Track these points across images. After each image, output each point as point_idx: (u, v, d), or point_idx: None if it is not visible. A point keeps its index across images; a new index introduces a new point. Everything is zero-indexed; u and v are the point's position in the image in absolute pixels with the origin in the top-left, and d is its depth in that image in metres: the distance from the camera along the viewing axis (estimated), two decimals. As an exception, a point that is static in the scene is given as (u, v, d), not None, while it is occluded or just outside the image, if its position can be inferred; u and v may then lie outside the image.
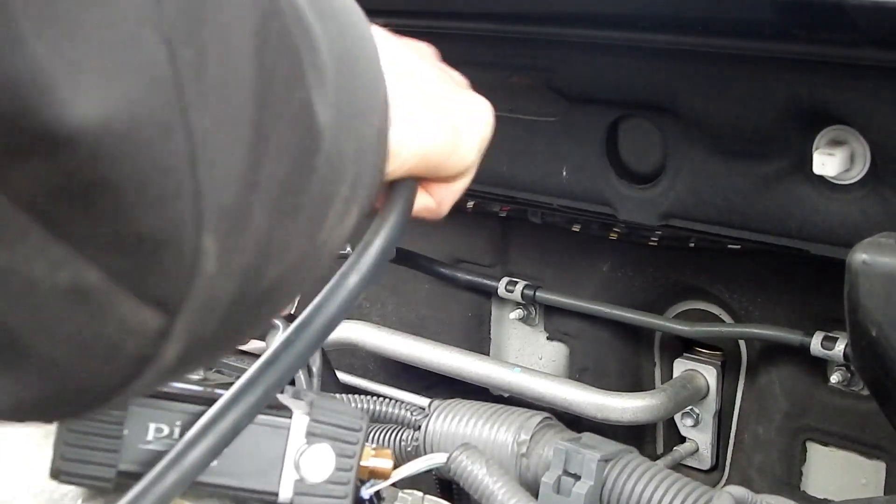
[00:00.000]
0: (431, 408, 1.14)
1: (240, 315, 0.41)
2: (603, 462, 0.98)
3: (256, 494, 0.65)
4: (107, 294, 0.36)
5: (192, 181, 0.36)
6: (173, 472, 0.50)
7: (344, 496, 0.66)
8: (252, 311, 0.42)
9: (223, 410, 0.51)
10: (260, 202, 0.39)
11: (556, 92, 1.26)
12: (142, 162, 0.34)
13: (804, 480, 1.37)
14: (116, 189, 0.34)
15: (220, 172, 0.37)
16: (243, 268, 0.39)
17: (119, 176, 0.34)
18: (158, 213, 0.35)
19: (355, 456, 0.67)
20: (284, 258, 0.42)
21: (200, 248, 0.37)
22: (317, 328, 0.51)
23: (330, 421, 0.66)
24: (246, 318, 0.42)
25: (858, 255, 0.84)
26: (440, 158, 0.60)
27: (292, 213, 0.41)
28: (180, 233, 0.36)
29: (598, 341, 1.50)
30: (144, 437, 0.62)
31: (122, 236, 0.35)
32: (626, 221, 1.29)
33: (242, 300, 0.40)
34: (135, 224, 0.35)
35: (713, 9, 1.01)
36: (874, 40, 0.94)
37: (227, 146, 0.37)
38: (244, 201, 0.38)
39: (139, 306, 0.36)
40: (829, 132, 1.06)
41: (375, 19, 0.53)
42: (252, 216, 0.38)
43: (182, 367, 0.41)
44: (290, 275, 0.43)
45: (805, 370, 1.32)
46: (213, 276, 0.38)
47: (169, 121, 0.35)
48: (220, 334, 0.41)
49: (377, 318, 1.67)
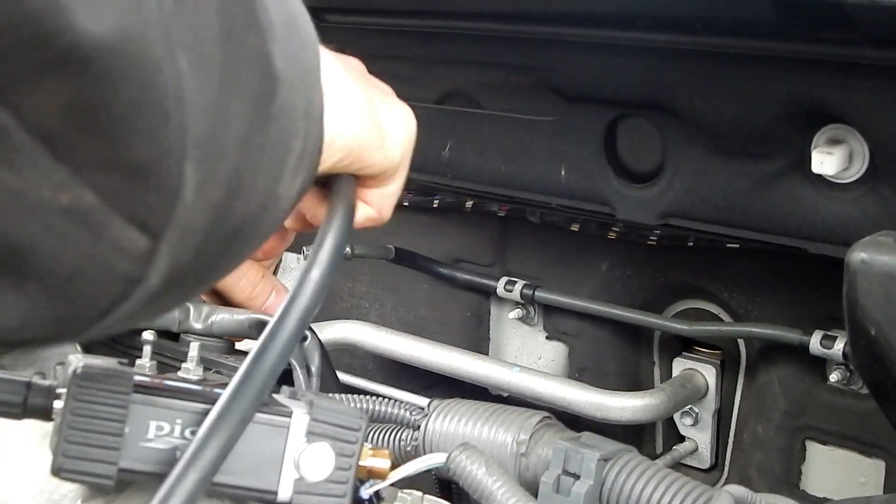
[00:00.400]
0: (430, 407, 1.14)
1: (213, 247, 0.45)
2: (602, 461, 0.98)
3: (256, 493, 0.65)
4: (101, 215, 0.40)
5: (178, 114, 0.40)
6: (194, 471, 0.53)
7: (343, 495, 0.67)
8: (223, 245, 0.47)
9: (228, 403, 0.55)
10: (229, 139, 0.43)
11: (555, 91, 1.26)
12: (139, 89, 0.38)
13: (803, 479, 1.37)
14: (115, 114, 0.38)
15: (197, 108, 0.41)
16: (216, 201, 0.43)
17: (118, 101, 0.38)
18: (148, 140, 0.39)
19: (354, 455, 0.67)
20: (251, 197, 0.46)
21: (182, 176, 0.41)
22: (295, 317, 0.57)
23: (330, 420, 0.66)
24: (217, 253, 0.47)
25: (857, 254, 0.84)
26: (366, 153, 0.65)
27: (257, 153, 0.46)
28: (166, 161, 0.40)
29: (597, 341, 1.50)
30: (145, 435, 0.62)
31: (116, 160, 0.39)
32: (624, 221, 1.29)
33: (215, 233, 0.45)
34: (127, 149, 0.39)
35: (712, 8, 1.01)
36: (873, 39, 0.94)
37: (202, 85, 0.41)
38: (217, 136, 0.42)
39: (128, 228, 0.40)
40: (827, 131, 1.06)
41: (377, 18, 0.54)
42: (224, 151, 0.43)
43: (164, 295, 0.45)
44: (254, 215, 0.48)
45: (804, 369, 1.32)
46: (191, 203, 0.42)
47: (161, 56, 0.39)
48: (196, 265, 0.45)
49: (376, 317, 1.67)
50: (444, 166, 1.38)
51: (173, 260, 0.43)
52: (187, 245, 0.43)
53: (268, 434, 0.65)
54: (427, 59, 1.39)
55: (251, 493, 0.65)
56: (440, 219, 1.60)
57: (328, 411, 0.67)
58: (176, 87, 0.40)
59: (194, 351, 0.77)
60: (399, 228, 1.54)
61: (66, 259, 0.40)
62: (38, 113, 0.37)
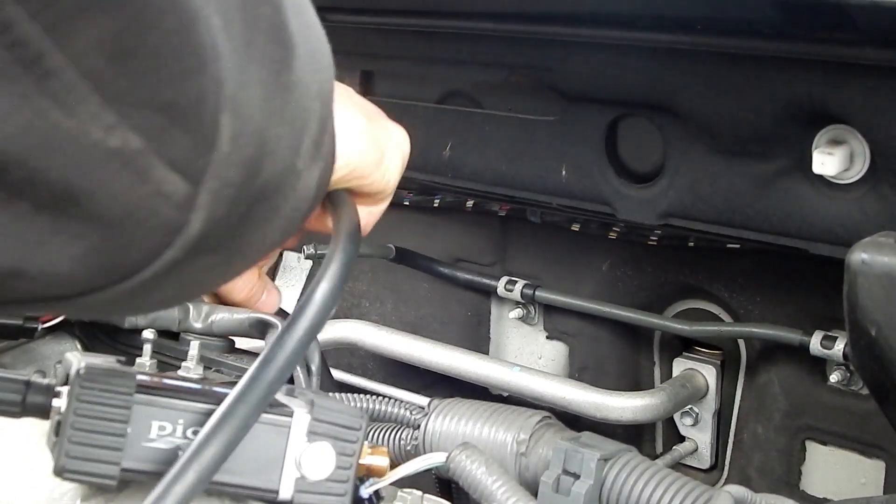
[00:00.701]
0: (431, 407, 1.14)
1: (243, 205, 0.47)
2: (602, 461, 0.98)
3: (257, 492, 0.65)
4: (146, 158, 0.41)
5: (214, 65, 0.42)
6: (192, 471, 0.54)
7: (343, 494, 0.67)
8: (251, 206, 0.48)
9: (232, 406, 0.55)
10: (254, 100, 0.45)
11: (556, 91, 1.26)
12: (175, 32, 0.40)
13: (803, 480, 1.37)
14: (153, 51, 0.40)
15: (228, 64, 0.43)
16: (247, 156, 0.45)
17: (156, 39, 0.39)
18: (186, 82, 0.41)
19: (355, 455, 0.67)
20: (275, 160, 0.48)
21: (218, 125, 0.43)
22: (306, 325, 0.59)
23: (331, 420, 0.66)
24: (247, 214, 0.48)
25: (857, 255, 0.84)
26: (366, 172, 0.67)
27: (278, 119, 0.47)
28: (203, 105, 0.42)
29: (597, 340, 1.50)
30: (147, 435, 0.62)
31: (156, 100, 0.41)
32: (625, 221, 1.29)
33: (245, 191, 0.46)
34: (166, 87, 0.41)
35: (713, 8, 1.01)
36: (874, 40, 0.94)
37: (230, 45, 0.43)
38: (245, 95, 0.44)
39: (170, 172, 0.42)
40: (828, 131, 1.06)
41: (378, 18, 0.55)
42: (250, 108, 0.45)
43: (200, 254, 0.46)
44: (277, 182, 0.49)
45: (804, 369, 1.32)
46: (227, 155, 0.44)
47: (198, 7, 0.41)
48: (228, 222, 0.47)
49: (376, 317, 1.67)
50: (445, 166, 1.38)
51: (211, 211, 0.45)
52: (223, 196, 0.45)
53: (269, 433, 0.65)
54: (428, 58, 1.39)
55: (252, 492, 0.65)
56: (441, 218, 1.60)
57: (329, 411, 0.67)
58: (211, 40, 0.41)
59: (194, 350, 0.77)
60: (400, 228, 1.55)
61: (116, 202, 0.41)
62: (86, 51, 0.38)
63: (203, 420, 0.59)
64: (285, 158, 0.49)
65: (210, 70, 0.42)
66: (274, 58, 0.47)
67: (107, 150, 0.40)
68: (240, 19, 0.44)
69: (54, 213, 0.41)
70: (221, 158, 0.44)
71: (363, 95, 0.75)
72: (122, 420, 0.61)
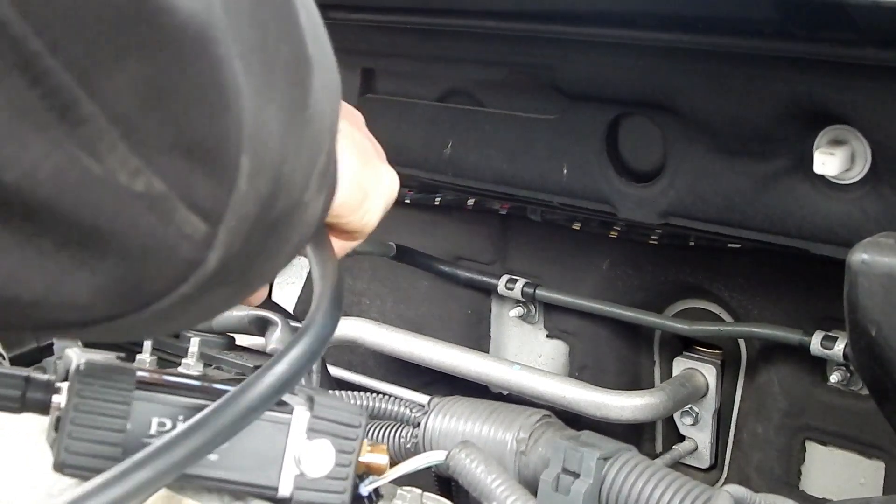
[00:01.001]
0: (431, 405, 1.14)
1: (256, 241, 0.48)
2: (602, 460, 0.98)
3: (256, 489, 0.65)
4: (169, 201, 0.42)
5: (235, 104, 0.42)
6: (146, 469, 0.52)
7: (343, 491, 0.67)
8: (263, 241, 0.49)
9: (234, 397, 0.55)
10: (271, 136, 0.45)
11: (557, 90, 1.26)
12: (207, 72, 0.41)
13: (803, 480, 1.37)
14: (183, 94, 0.41)
15: (247, 102, 0.43)
16: (263, 194, 0.46)
17: (187, 81, 0.40)
18: (210, 124, 0.42)
19: (354, 452, 0.67)
20: (289, 195, 0.49)
21: (238, 164, 0.43)
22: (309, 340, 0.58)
23: (330, 417, 0.67)
24: (258, 247, 0.49)
25: (858, 255, 0.84)
26: (344, 212, 0.67)
27: (293, 153, 0.48)
28: (225, 147, 0.43)
29: (597, 339, 1.50)
30: (147, 431, 0.62)
31: (181, 144, 0.42)
32: (625, 220, 1.29)
33: (259, 225, 0.47)
34: (192, 131, 0.42)
35: (714, 7, 1.01)
36: (874, 40, 0.94)
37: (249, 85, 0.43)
38: (262, 133, 0.45)
39: (191, 214, 0.43)
40: (829, 131, 1.06)
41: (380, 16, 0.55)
42: (268, 147, 0.45)
43: (212, 287, 0.47)
44: (288, 214, 0.50)
45: (804, 369, 1.32)
46: (245, 192, 0.44)
47: (223, 40, 0.41)
48: (242, 256, 0.48)
49: (377, 315, 1.67)
50: (446, 164, 1.38)
51: (227, 248, 0.46)
52: (239, 233, 0.46)
53: (269, 430, 0.65)
54: (429, 56, 1.39)
55: (252, 489, 0.65)
56: (441, 216, 1.60)
57: (329, 408, 0.67)
58: (233, 76, 0.42)
59: (194, 347, 0.77)
60: (400, 226, 1.55)
61: (139, 241, 0.43)
62: (117, 97, 0.39)
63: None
64: (297, 192, 0.50)
65: (232, 111, 0.43)
66: (292, 96, 0.47)
67: (132, 194, 0.41)
68: (259, 60, 0.44)
69: (78, 249, 0.42)
70: (240, 197, 0.45)
71: (364, 94, 0.74)
72: (122, 416, 0.61)
